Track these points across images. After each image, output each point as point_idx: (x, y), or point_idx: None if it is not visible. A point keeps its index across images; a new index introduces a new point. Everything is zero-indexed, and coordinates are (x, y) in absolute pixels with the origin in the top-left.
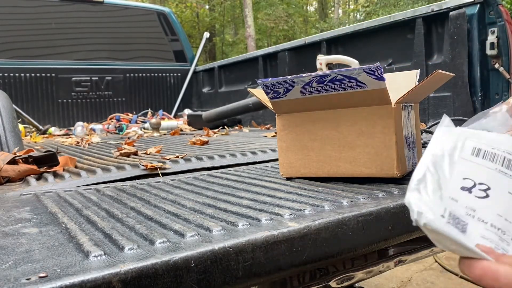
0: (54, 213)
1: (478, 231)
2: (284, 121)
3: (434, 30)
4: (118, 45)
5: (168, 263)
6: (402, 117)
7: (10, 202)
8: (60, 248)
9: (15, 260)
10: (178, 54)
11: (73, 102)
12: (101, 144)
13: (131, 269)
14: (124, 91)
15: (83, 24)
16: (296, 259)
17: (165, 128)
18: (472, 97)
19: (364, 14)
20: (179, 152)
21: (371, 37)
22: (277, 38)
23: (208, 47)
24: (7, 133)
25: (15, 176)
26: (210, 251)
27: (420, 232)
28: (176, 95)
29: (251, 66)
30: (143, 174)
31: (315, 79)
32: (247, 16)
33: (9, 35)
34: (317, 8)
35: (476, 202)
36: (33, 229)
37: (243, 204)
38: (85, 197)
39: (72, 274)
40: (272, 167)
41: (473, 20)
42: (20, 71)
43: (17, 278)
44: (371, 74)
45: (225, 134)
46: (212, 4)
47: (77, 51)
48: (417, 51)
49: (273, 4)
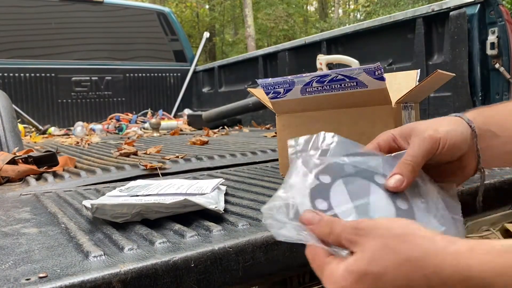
0: (54, 213)
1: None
2: (284, 121)
3: (435, 30)
4: (118, 45)
5: (168, 264)
6: (403, 117)
7: (10, 202)
8: (60, 248)
9: (15, 260)
10: (178, 54)
11: (73, 102)
12: (100, 144)
13: (131, 269)
14: (124, 91)
15: (83, 24)
16: (296, 259)
17: (165, 128)
18: (472, 97)
19: (364, 14)
20: (179, 152)
21: (371, 37)
22: (277, 38)
23: (208, 47)
24: (6, 133)
25: (15, 176)
26: (210, 251)
27: None
28: (176, 95)
29: (251, 66)
30: (143, 174)
31: (315, 79)
32: (247, 16)
33: (9, 35)
34: (317, 8)
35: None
36: (33, 229)
37: (243, 204)
38: (85, 197)
39: (72, 274)
40: (272, 167)
41: (473, 20)
42: (19, 71)
43: (17, 278)
44: (372, 74)
45: (225, 134)
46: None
47: (77, 51)
48: (417, 51)
49: (273, 3)
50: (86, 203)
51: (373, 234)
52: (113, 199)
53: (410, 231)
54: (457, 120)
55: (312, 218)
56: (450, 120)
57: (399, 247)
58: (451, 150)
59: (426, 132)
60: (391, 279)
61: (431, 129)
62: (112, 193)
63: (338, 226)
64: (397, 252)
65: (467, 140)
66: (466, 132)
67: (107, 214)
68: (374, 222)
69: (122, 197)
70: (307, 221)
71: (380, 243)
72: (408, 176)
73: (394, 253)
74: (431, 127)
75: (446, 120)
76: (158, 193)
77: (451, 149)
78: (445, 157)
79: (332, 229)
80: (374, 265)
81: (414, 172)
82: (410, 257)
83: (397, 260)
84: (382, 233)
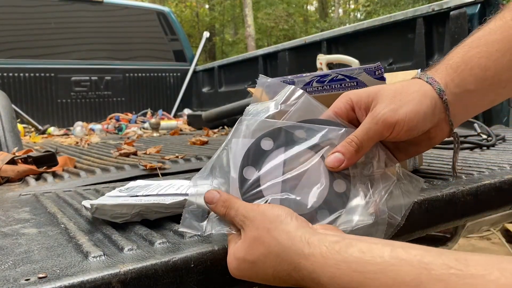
0: (53, 213)
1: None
2: None
3: (435, 29)
4: (118, 45)
5: (167, 264)
6: None
7: (9, 202)
8: (59, 249)
9: (14, 261)
10: (178, 53)
11: (73, 102)
12: (100, 144)
13: (130, 269)
14: (123, 91)
15: (82, 23)
16: None
17: (165, 128)
18: None
19: (365, 13)
20: (178, 152)
21: (371, 37)
22: (277, 38)
23: (208, 47)
24: (6, 133)
25: (14, 176)
26: (210, 252)
27: (421, 232)
28: (175, 95)
29: (251, 66)
30: (143, 174)
31: (315, 79)
32: (247, 15)
33: (8, 35)
34: (317, 8)
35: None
36: (32, 230)
37: None
38: (84, 198)
39: (71, 274)
40: None
41: (474, 19)
42: (19, 71)
43: (16, 279)
44: (372, 73)
45: (225, 134)
46: (212, 3)
47: (77, 50)
48: (418, 51)
49: (273, 3)
50: (86, 203)
51: (252, 225)
52: (112, 199)
53: (277, 225)
54: (426, 93)
55: (213, 197)
56: (418, 93)
57: (266, 240)
58: (408, 133)
59: (382, 114)
60: (262, 267)
61: (390, 109)
62: (111, 193)
63: (232, 210)
64: (264, 244)
65: (431, 118)
66: (431, 109)
67: (106, 214)
68: (258, 211)
69: (122, 197)
70: (208, 200)
71: (255, 234)
72: (349, 158)
73: (262, 245)
74: (391, 104)
75: (413, 94)
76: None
77: (408, 131)
78: (401, 138)
79: (228, 211)
80: (249, 254)
81: (358, 154)
82: (271, 251)
83: (264, 252)
84: (258, 225)
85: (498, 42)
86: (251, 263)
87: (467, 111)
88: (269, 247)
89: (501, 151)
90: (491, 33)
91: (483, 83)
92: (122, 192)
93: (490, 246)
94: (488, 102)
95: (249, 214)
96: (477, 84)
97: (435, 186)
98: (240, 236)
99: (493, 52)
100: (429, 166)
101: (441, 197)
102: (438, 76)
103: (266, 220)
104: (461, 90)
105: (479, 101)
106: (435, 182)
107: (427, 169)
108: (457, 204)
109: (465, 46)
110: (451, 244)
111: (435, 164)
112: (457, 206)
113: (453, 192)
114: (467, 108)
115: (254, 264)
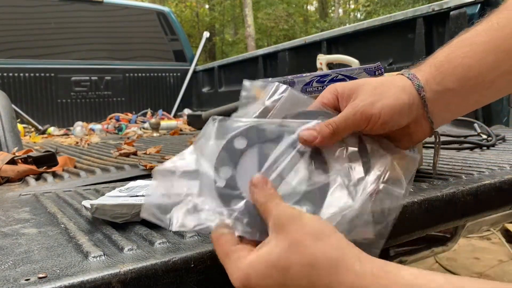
0: (53, 213)
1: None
2: None
3: (435, 29)
4: (118, 45)
5: (167, 264)
6: None
7: (9, 202)
8: (59, 249)
9: (14, 261)
10: (178, 53)
11: (72, 102)
12: (100, 144)
13: (130, 269)
14: (123, 91)
15: (82, 23)
16: None
17: (165, 128)
18: None
19: (365, 13)
20: (178, 152)
21: (371, 37)
22: (277, 38)
23: (208, 47)
24: (6, 133)
25: (14, 176)
26: (210, 252)
27: (421, 232)
28: (175, 95)
29: (251, 66)
30: (143, 174)
31: (315, 78)
32: (247, 15)
33: (8, 35)
34: (317, 8)
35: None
36: (32, 230)
37: None
38: (84, 198)
39: (71, 274)
40: None
41: (474, 19)
42: (19, 71)
43: (16, 279)
44: (372, 73)
45: None
46: (212, 3)
47: (77, 50)
48: (418, 51)
49: (273, 3)
50: (86, 203)
51: (294, 228)
52: (112, 199)
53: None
54: (405, 88)
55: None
56: (398, 88)
57: (311, 249)
58: (383, 126)
59: (361, 105)
60: (296, 276)
61: (368, 102)
62: (111, 193)
63: (272, 204)
64: (306, 252)
65: (408, 113)
66: (408, 105)
67: (106, 214)
68: (300, 216)
69: (122, 197)
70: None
71: (298, 237)
72: (323, 136)
73: (303, 253)
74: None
75: (393, 89)
76: None
77: (384, 124)
78: (377, 131)
79: (268, 202)
80: (284, 259)
81: (332, 138)
82: (312, 261)
83: (302, 261)
84: (301, 230)
85: (483, 43)
86: (283, 269)
87: (449, 111)
88: (311, 255)
89: (501, 151)
90: (478, 35)
91: (465, 83)
92: (122, 192)
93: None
94: (472, 102)
95: (293, 213)
96: (459, 83)
97: (435, 186)
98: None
99: (478, 52)
100: (429, 166)
101: (441, 197)
102: (420, 73)
103: (310, 227)
104: (442, 88)
105: (462, 101)
106: (435, 182)
107: (427, 169)
108: (457, 204)
109: (451, 46)
110: (451, 244)
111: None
112: (457, 206)
113: (453, 192)
114: (449, 107)
115: (286, 271)
